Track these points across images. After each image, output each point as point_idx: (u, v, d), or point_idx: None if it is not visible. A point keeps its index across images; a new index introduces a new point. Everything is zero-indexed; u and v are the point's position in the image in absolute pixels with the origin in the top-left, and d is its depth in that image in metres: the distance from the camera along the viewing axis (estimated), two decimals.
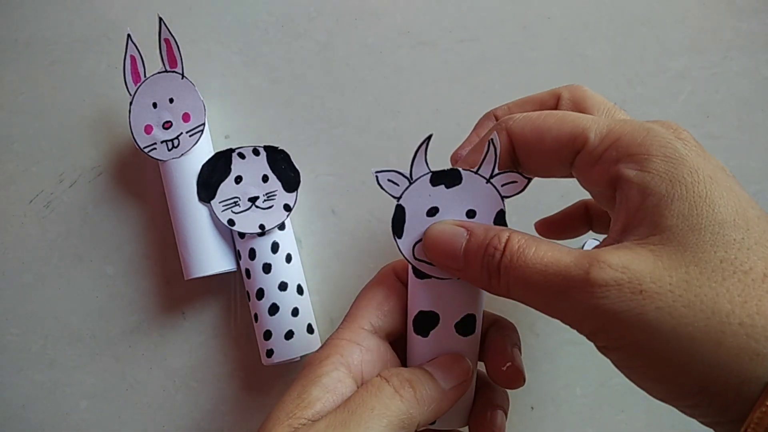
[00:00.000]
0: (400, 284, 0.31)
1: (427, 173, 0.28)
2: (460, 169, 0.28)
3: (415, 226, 0.28)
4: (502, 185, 0.27)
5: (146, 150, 0.38)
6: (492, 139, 0.27)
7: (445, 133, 0.41)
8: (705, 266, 0.20)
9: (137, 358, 0.42)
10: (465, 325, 0.29)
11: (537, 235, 0.35)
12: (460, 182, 0.28)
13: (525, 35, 0.41)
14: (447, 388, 0.28)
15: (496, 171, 0.27)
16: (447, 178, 0.28)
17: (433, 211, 0.28)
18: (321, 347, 0.29)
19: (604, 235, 0.39)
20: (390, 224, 0.29)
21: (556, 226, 0.35)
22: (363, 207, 0.41)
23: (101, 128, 0.42)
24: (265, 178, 0.38)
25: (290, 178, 0.38)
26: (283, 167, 0.38)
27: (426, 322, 0.29)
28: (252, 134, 0.41)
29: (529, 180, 0.27)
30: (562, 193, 0.40)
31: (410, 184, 0.28)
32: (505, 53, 0.41)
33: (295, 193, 0.38)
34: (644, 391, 0.22)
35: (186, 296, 0.41)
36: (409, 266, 0.29)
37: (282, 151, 0.38)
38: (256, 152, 0.38)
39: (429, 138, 0.27)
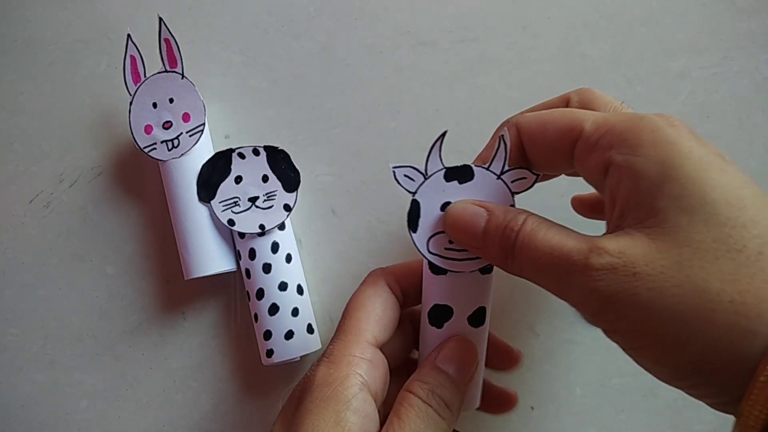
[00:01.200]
0: (393, 296, 0.31)
1: (442, 169, 0.29)
2: (472, 165, 0.29)
3: (429, 220, 0.29)
4: (512, 181, 0.29)
5: (146, 150, 0.38)
6: (502, 136, 0.28)
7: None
8: (698, 246, 0.21)
9: (137, 358, 0.42)
10: (477, 318, 0.30)
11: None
12: (472, 178, 0.29)
13: (525, 35, 0.41)
14: (465, 387, 0.29)
15: (506, 167, 0.28)
16: (460, 174, 0.29)
17: (446, 207, 0.29)
18: (331, 362, 0.29)
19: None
20: (405, 219, 0.29)
21: (589, 205, 0.36)
22: (363, 207, 0.41)
23: (101, 128, 0.42)
24: (265, 178, 0.38)
25: (290, 178, 0.38)
26: (283, 167, 0.38)
27: (441, 314, 0.30)
28: (252, 134, 0.41)
29: (538, 176, 0.28)
30: (561, 193, 0.40)
31: (425, 179, 0.29)
32: (505, 53, 0.41)
33: (295, 193, 0.38)
34: (651, 374, 0.23)
35: (186, 296, 0.41)
36: (425, 261, 0.30)
37: (282, 151, 0.38)
38: (256, 152, 0.38)
39: (443, 135, 0.29)
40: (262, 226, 0.37)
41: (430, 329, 0.30)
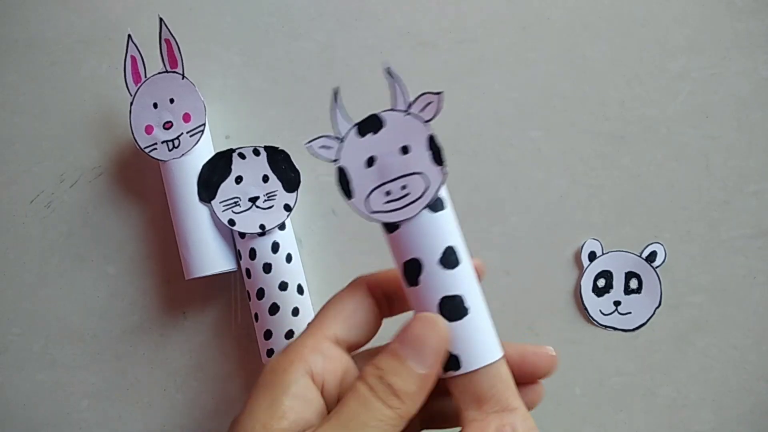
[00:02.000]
0: (371, 299, 0.30)
1: (353, 126, 0.29)
2: (378, 113, 0.29)
3: (360, 181, 0.29)
4: (421, 111, 0.28)
5: (147, 150, 0.39)
6: (388, 69, 0.29)
7: (444, 133, 0.41)
8: None
9: (138, 358, 0.42)
10: (448, 259, 0.28)
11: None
12: (383, 125, 0.29)
13: (524, 36, 0.41)
14: (428, 371, 0.27)
15: (409, 100, 0.28)
16: (371, 125, 0.29)
17: (371, 161, 0.29)
18: (283, 352, 0.29)
19: (601, 240, 0.39)
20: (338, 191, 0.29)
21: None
22: None
23: (102, 128, 0.43)
24: (265, 178, 0.38)
25: (290, 178, 0.38)
26: (284, 167, 0.38)
27: (412, 271, 0.29)
28: (252, 134, 0.42)
29: (441, 92, 0.28)
30: (561, 193, 0.40)
31: (341, 142, 0.29)
32: (504, 54, 0.41)
33: (295, 193, 0.38)
34: None
35: (187, 296, 0.42)
36: (380, 224, 0.30)
37: (282, 151, 0.38)
38: (256, 152, 0.38)
39: (336, 92, 0.29)
40: (262, 226, 0.38)
41: (409, 290, 0.29)
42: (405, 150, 0.29)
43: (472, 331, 0.29)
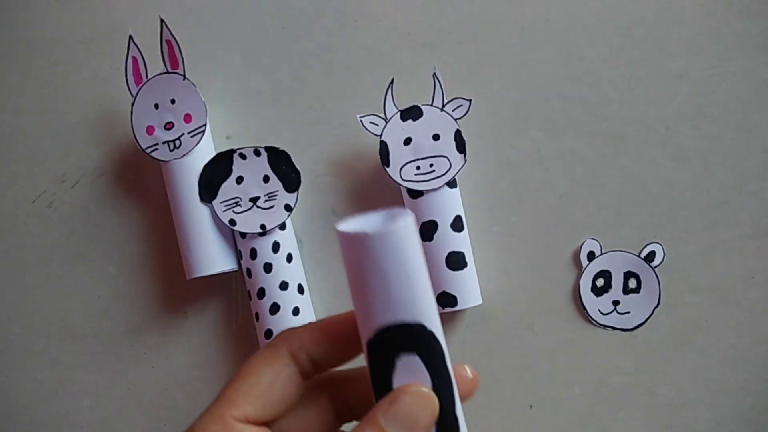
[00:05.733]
0: (293, 366, 0.26)
1: (397, 112, 0.37)
2: (419, 105, 0.37)
3: (397, 154, 0.37)
4: (453, 110, 0.37)
5: (148, 151, 0.39)
6: (435, 74, 0.36)
7: None
8: None
9: (139, 358, 0.42)
10: (457, 224, 0.37)
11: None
12: (422, 115, 0.37)
13: (524, 37, 0.41)
14: None
15: (446, 101, 0.37)
16: (412, 113, 0.37)
17: (407, 141, 0.37)
18: None
19: (600, 240, 0.40)
20: (379, 159, 0.37)
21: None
22: (363, 207, 0.41)
23: (103, 129, 0.43)
24: (266, 179, 0.38)
25: (291, 179, 0.38)
26: (284, 168, 0.38)
27: (428, 229, 0.36)
28: (253, 135, 0.42)
29: (470, 100, 0.37)
30: (560, 193, 0.40)
31: (386, 122, 0.37)
32: (504, 55, 0.41)
33: (295, 194, 0.38)
34: None
35: (188, 296, 0.42)
36: (403, 190, 0.37)
37: (283, 151, 0.38)
38: (257, 153, 0.38)
39: (392, 82, 0.37)
40: (263, 226, 0.38)
41: (425, 245, 0.36)
42: (436, 137, 0.37)
43: (467, 280, 0.37)
